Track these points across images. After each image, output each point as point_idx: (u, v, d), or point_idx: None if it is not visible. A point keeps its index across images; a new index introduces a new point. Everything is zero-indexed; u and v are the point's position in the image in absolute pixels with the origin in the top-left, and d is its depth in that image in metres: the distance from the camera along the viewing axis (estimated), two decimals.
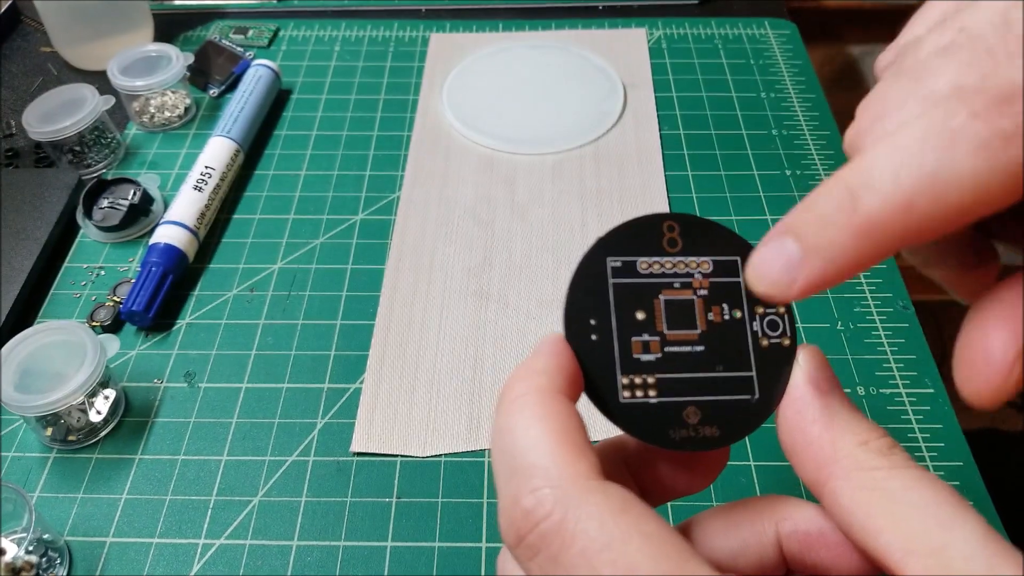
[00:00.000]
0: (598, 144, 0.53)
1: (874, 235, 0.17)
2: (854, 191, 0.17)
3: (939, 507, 0.17)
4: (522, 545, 0.17)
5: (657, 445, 0.20)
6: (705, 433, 0.20)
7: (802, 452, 0.19)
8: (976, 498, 0.35)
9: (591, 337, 0.20)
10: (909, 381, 0.39)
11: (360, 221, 0.48)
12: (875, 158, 0.17)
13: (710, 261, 0.21)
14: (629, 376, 0.20)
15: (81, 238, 0.48)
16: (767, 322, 0.20)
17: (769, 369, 0.20)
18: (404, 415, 0.39)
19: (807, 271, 0.18)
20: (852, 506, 0.17)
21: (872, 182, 0.17)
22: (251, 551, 0.34)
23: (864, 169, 0.17)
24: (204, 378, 0.41)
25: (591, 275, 0.20)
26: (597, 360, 0.20)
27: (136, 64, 0.54)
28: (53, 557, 0.34)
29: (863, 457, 0.18)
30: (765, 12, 0.64)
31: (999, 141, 0.15)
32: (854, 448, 0.18)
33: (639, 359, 0.20)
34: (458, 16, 0.64)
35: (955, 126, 0.16)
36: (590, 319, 0.20)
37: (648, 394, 0.20)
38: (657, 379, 0.20)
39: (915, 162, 0.16)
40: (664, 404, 0.20)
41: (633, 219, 0.21)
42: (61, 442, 0.38)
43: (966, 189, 0.15)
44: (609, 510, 0.16)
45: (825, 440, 0.18)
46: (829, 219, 0.18)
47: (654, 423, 0.20)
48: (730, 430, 0.20)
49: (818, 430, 0.18)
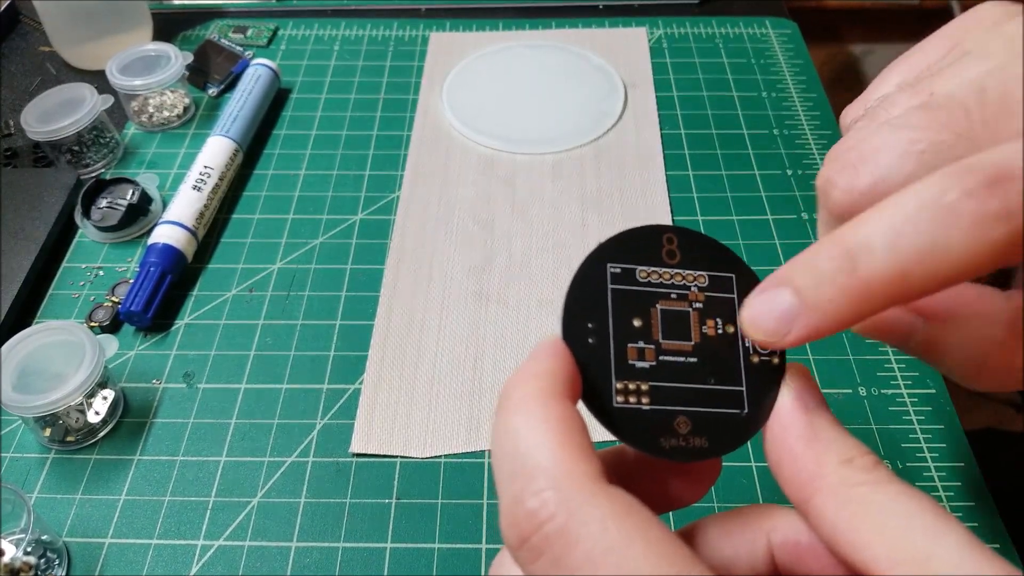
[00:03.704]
0: (598, 144, 0.52)
1: (869, 297, 0.18)
2: (853, 255, 0.18)
3: (923, 518, 0.17)
4: (525, 547, 0.17)
5: (648, 452, 0.20)
6: (695, 443, 0.20)
7: (788, 469, 0.19)
8: (978, 498, 0.35)
9: (588, 340, 0.20)
10: (911, 382, 0.39)
11: (360, 221, 0.48)
12: (875, 224, 0.18)
13: (706, 276, 0.21)
14: (624, 381, 0.20)
15: (80, 238, 0.48)
16: None
17: (758, 385, 0.21)
18: (404, 416, 0.39)
19: (802, 324, 0.19)
20: (837, 521, 0.18)
21: (872, 248, 0.18)
22: (250, 552, 0.34)
23: (864, 234, 0.18)
24: (203, 379, 0.40)
25: (591, 279, 0.21)
26: (593, 363, 0.20)
27: (135, 63, 0.53)
28: (52, 558, 0.34)
29: (847, 474, 0.18)
30: (766, 11, 0.64)
31: (990, 220, 0.16)
32: (838, 465, 0.18)
33: (634, 365, 0.20)
34: (458, 15, 0.64)
35: (949, 203, 0.17)
36: (588, 322, 0.20)
37: (641, 401, 0.20)
38: (651, 386, 0.20)
39: (912, 232, 0.17)
40: (656, 412, 0.20)
41: (634, 228, 0.21)
42: (60, 443, 0.38)
43: (958, 260, 0.17)
44: (613, 513, 0.16)
45: (809, 457, 0.19)
46: (827, 278, 0.18)
47: (646, 430, 0.20)
48: (719, 442, 0.20)
49: (803, 447, 0.19)
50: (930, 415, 0.38)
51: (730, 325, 0.21)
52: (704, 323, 0.21)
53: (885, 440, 0.37)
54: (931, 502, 0.17)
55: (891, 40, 0.99)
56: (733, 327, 0.21)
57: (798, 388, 0.20)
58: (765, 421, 0.20)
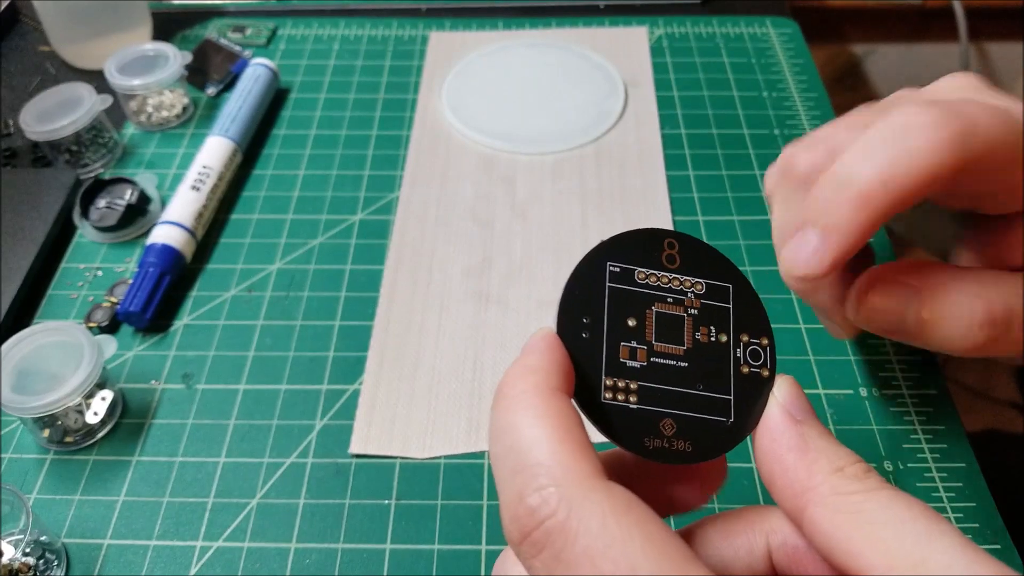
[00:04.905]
0: (599, 143, 0.52)
1: (869, 205, 0.24)
2: (846, 179, 0.24)
3: (915, 524, 0.17)
4: (526, 543, 0.17)
5: (631, 451, 0.20)
6: (678, 447, 0.20)
7: (779, 480, 0.19)
8: (979, 499, 0.35)
9: (582, 334, 0.20)
10: (912, 383, 0.39)
11: (359, 221, 0.48)
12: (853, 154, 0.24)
13: (704, 284, 0.22)
14: (613, 378, 0.20)
15: (78, 238, 0.47)
16: (750, 351, 0.21)
17: (746, 396, 0.21)
18: (403, 416, 0.39)
19: (830, 246, 0.24)
20: (831, 530, 0.18)
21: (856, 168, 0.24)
22: (249, 553, 0.34)
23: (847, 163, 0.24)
24: (202, 379, 0.40)
25: (590, 275, 0.21)
26: (584, 358, 0.20)
27: (133, 63, 0.53)
28: (50, 559, 0.34)
29: (838, 483, 0.18)
30: (767, 11, 0.63)
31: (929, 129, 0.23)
32: (829, 475, 0.18)
33: (625, 363, 0.20)
34: (458, 15, 0.64)
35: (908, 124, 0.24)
36: (583, 317, 0.21)
37: (629, 399, 0.20)
38: (639, 386, 0.20)
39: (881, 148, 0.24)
40: (643, 411, 0.20)
41: (637, 229, 0.22)
42: (58, 443, 0.38)
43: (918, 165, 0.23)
44: (612, 510, 0.17)
45: (801, 468, 0.19)
46: (833, 203, 0.24)
47: (631, 428, 0.20)
48: (702, 448, 0.20)
49: (793, 458, 0.19)
50: (931, 416, 0.38)
51: (723, 334, 0.21)
52: (698, 330, 0.21)
53: (886, 441, 0.37)
54: (923, 507, 0.17)
55: (893, 40, 0.99)
56: (726, 336, 0.21)
57: (786, 399, 0.20)
58: (751, 431, 0.21)
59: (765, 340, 0.21)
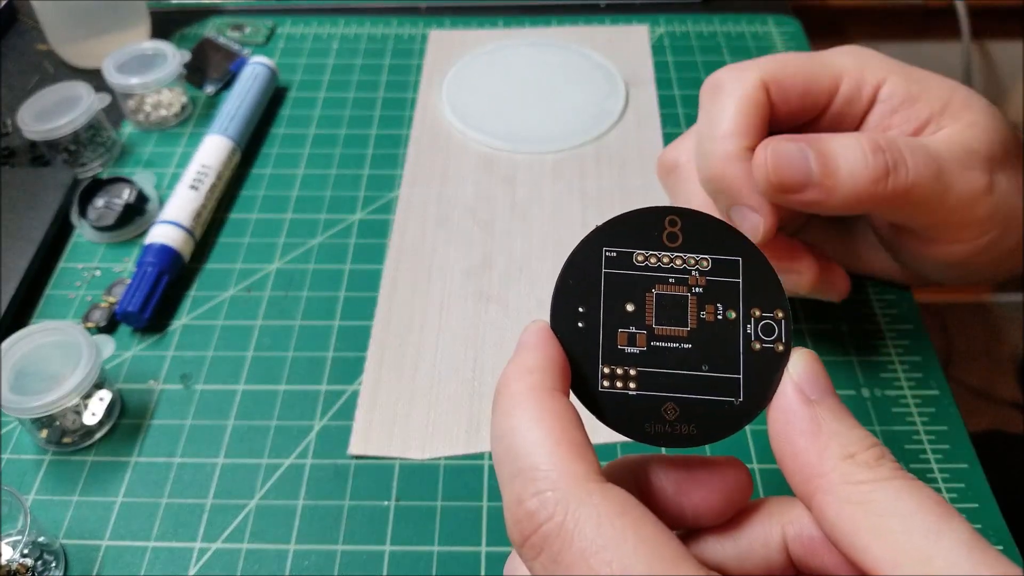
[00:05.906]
0: (599, 143, 0.52)
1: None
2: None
3: (924, 517, 0.17)
4: (526, 545, 0.17)
5: (630, 437, 0.20)
6: (681, 430, 0.20)
7: (790, 463, 0.19)
8: (981, 500, 0.35)
9: (577, 324, 0.20)
10: (914, 383, 0.39)
11: (358, 221, 0.48)
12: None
13: (710, 259, 0.21)
14: (611, 366, 0.20)
15: (76, 238, 0.47)
16: (762, 326, 0.20)
17: (758, 374, 0.20)
18: (403, 417, 0.38)
19: None
20: (839, 521, 0.18)
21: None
22: (248, 555, 0.34)
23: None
24: (200, 380, 0.40)
25: (584, 263, 0.21)
26: (580, 348, 0.20)
27: (132, 62, 0.53)
28: (49, 560, 0.33)
29: (849, 470, 0.18)
30: (769, 9, 0.63)
31: None
32: (840, 461, 0.18)
33: (623, 350, 0.20)
34: (458, 13, 0.64)
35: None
36: (578, 306, 0.20)
37: (628, 386, 0.20)
38: (639, 372, 0.20)
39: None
40: (643, 397, 0.20)
41: (635, 210, 0.21)
42: (56, 444, 0.37)
43: None
44: (607, 512, 0.17)
45: (812, 452, 0.18)
46: None
47: (630, 415, 0.20)
48: (708, 431, 0.20)
49: (805, 442, 0.19)
50: (933, 416, 0.38)
51: (732, 311, 0.20)
52: (703, 309, 0.20)
53: (888, 442, 0.37)
54: (934, 499, 0.17)
55: (895, 38, 0.99)
56: (736, 313, 0.20)
57: (802, 376, 0.19)
58: (761, 411, 0.20)
59: (780, 313, 0.20)
